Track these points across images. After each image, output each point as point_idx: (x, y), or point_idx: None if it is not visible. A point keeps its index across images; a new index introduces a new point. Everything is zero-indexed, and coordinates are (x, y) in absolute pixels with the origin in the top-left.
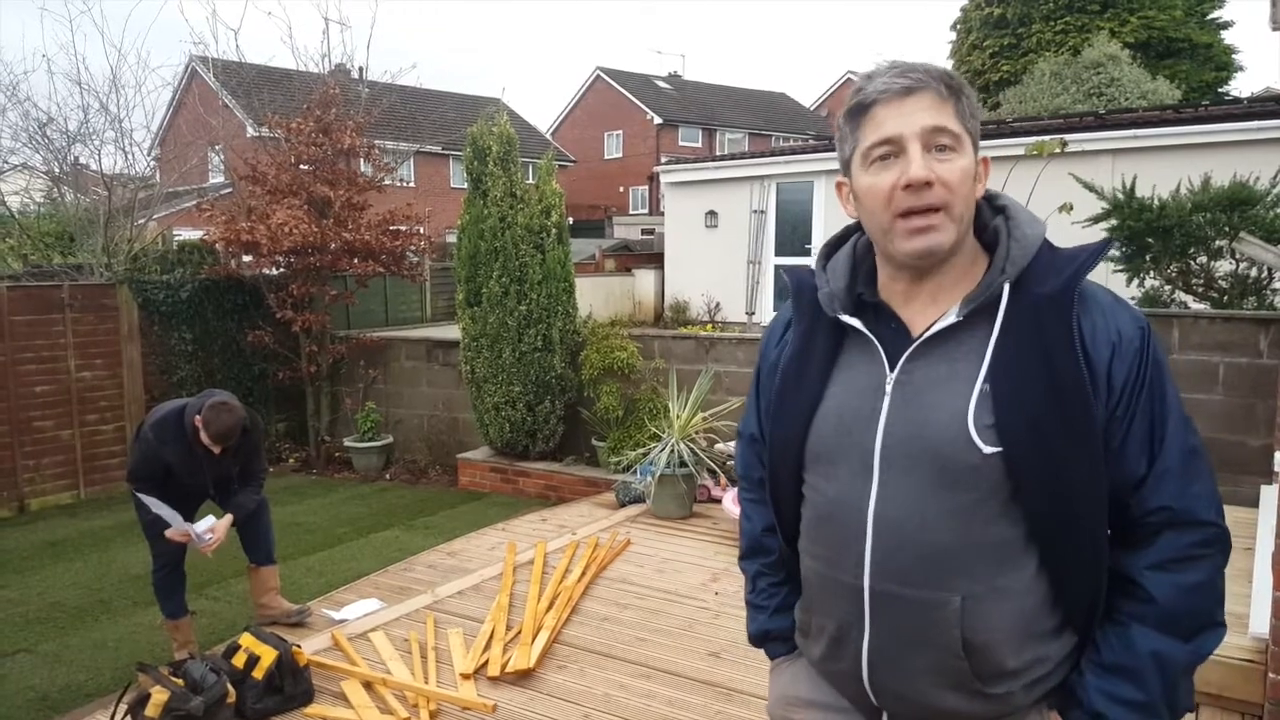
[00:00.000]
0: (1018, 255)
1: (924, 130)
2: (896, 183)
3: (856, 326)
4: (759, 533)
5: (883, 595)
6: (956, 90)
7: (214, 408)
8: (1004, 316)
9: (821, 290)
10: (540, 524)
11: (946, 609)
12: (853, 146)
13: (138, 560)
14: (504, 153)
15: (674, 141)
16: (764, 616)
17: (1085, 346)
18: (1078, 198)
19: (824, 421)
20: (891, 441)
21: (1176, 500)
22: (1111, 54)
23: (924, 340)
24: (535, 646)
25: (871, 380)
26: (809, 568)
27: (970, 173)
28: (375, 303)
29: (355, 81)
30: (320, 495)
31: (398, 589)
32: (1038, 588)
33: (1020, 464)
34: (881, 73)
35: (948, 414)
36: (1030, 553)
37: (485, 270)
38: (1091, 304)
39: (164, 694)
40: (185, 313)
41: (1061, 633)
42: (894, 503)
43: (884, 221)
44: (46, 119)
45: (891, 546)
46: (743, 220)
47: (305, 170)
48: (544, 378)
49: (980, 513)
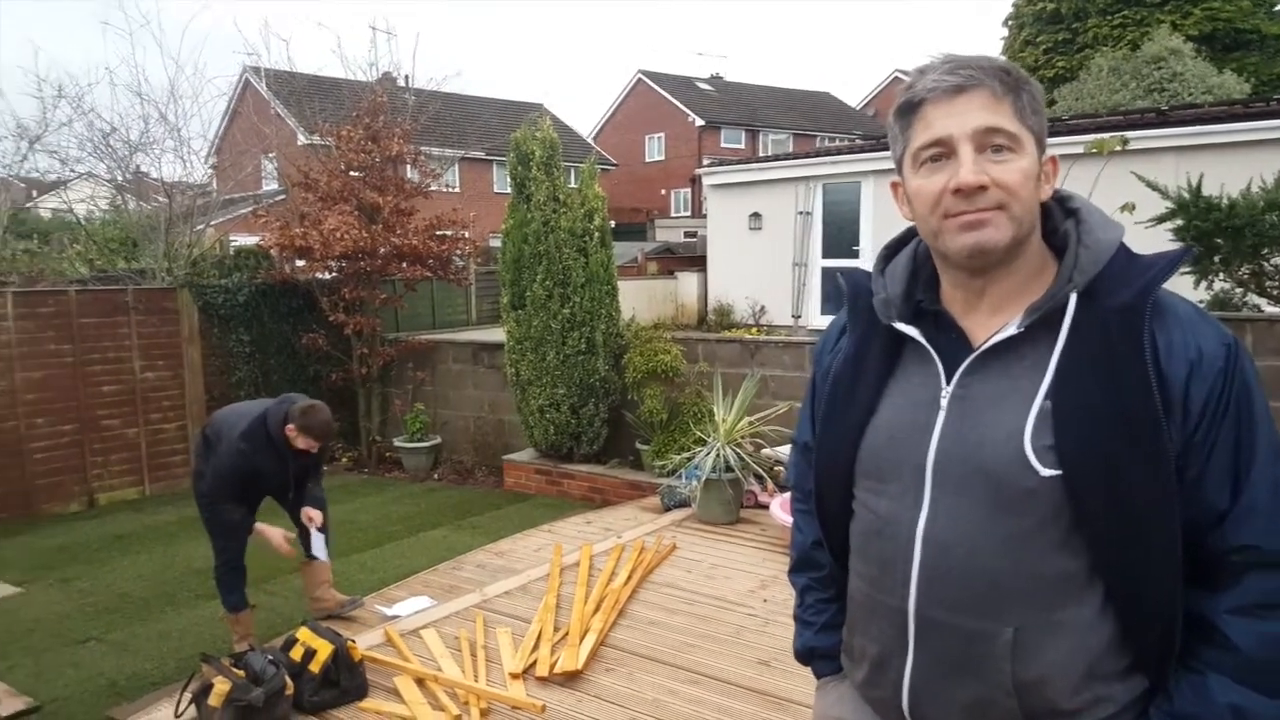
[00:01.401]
0: (1087, 262)
1: (976, 131)
2: (946, 186)
3: (913, 335)
4: (809, 546)
5: (928, 621)
6: (1015, 86)
7: (306, 412)
8: (1069, 328)
9: (877, 296)
10: (585, 526)
11: (996, 641)
12: (903, 147)
13: (200, 554)
14: (547, 157)
15: (716, 143)
16: (810, 633)
17: (1159, 363)
18: (1140, 197)
19: (875, 435)
20: (944, 459)
21: (1265, 539)
22: (1173, 48)
23: (983, 352)
24: (583, 648)
25: (927, 393)
26: (854, 586)
27: (1032, 173)
28: (423, 306)
29: (402, 89)
30: (371, 494)
31: (447, 587)
32: (1102, 625)
33: (1081, 489)
34: (933, 68)
35: (1004, 432)
36: (1094, 587)
37: (529, 274)
38: (1169, 317)
39: (226, 685)
40: (243, 316)
41: (1131, 675)
42: (945, 524)
43: (934, 223)
44: (110, 129)
45: (940, 570)
46: (788, 222)
47: (355, 177)
48: (588, 380)
49: (1038, 540)
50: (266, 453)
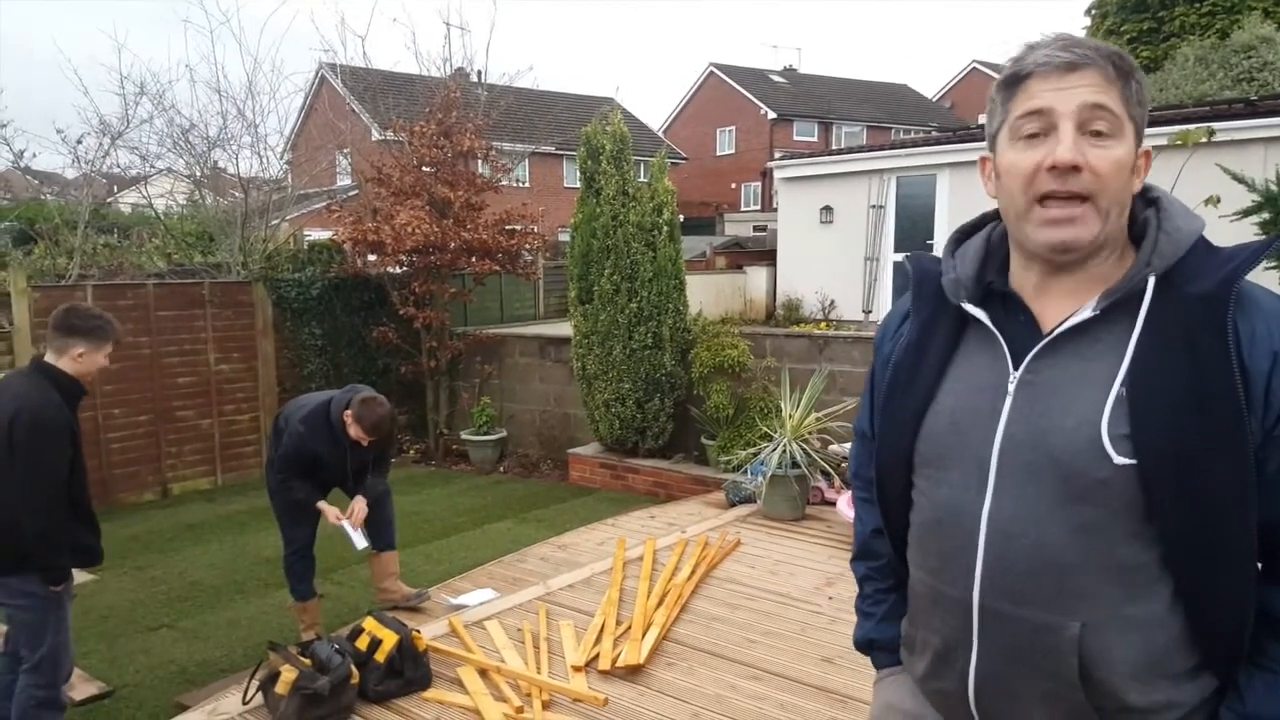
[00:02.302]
0: (1166, 249)
1: (1081, 107)
2: (1041, 163)
3: (980, 317)
4: (868, 534)
5: (993, 613)
6: (1127, 72)
7: (364, 403)
8: (1148, 313)
9: (947, 276)
10: (649, 521)
11: (1063, 634)
12: (1002, 119)
13: (269, 544)
14: (617, 151)
15: (788, 136)
16: (870, 624)
17: (1241, 354)
18: (1225, 190)
19: (936, 420)
20: (1011, 446)
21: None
22: (1265, 36)
23: (1055, 337)
24: (645, 642)
25: (993, 378)
26: (915, 578)
27: (1127, 164)
28: (491, 300)
29: (474, 85)
30: (438, 486)
31: (511, 579)
32: (1172, 621)
33: (1156, 479)
34: (1044, 44)
35: (1077, 419)
36: (1165, 580)
37: (597, 268)
38: (1252, 307)
39: (293, 673)
40: (315, 309)
41: (1199, 675)
42: (1010, 514)
43: (1021, 205)
44: (189, 125)
45: (1005, 561)
46: (859, 216)
47: (427, 172)
48: (654, 375)
49: (1109, 532)
50: (324, 438)
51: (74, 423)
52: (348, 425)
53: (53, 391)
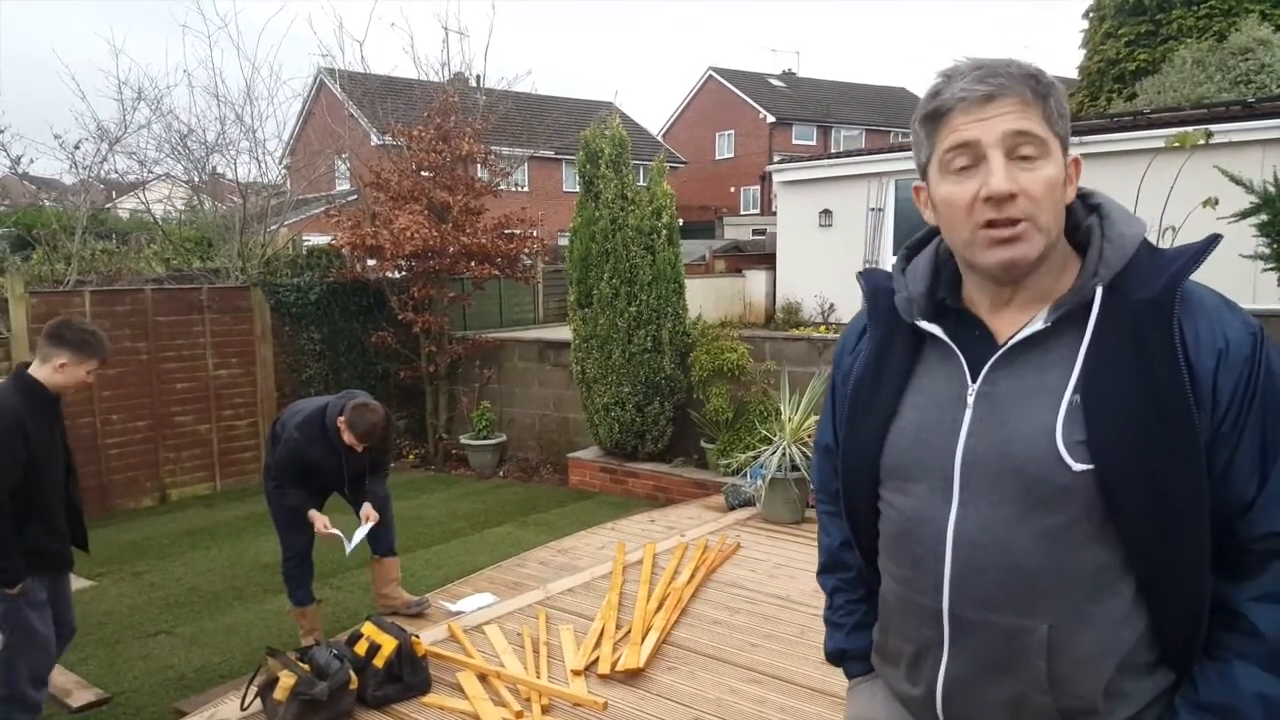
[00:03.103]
0: (1112, 257)
1: (1006, 135)
2: (977, 194)
3: (936, 334)
4: (836, 547)
5: (963, 620)
6: (1044, 92)
7: (357, 409)
8: (1096, 322)
9: (899, 294)
10: (649, 524)
11: (1032, 637)
12: (929, 152)
13: (268, 550)
14: (616, 155)
15: (787, 140)
16: (841, 635)
17: (1187, 354)
18: (1223, 192)
19: (900, 435)
20: (973, 457)
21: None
22: (1262, 38)
23: (1009, 349)
24: (645, 646)
25: (951, 391)
26: (886, 587)
27: (1057, 181)
28: (490, 304)
29: (473, 89)
30: (438, 490)
31: (511, 584)
32: (1134, 618)
33: (1114, 483)
34: (960, 74)
35: (1034, 428)
36: (1126, 580)
37: (596, 272)
38: (1195, 307)
39: (291, 678)
40: (314, 314)
41: (1157, 669)
42: (976, 523)
43: (965, 234)
44: (187, 130)
45: (973, 569)
46: (859, 219)
47: (426, 176)
48: (653, 379)
49: (1071, 535)
50: (320, 444)
51: (31, 427)
52: (342, 431)
53: (15, 397)
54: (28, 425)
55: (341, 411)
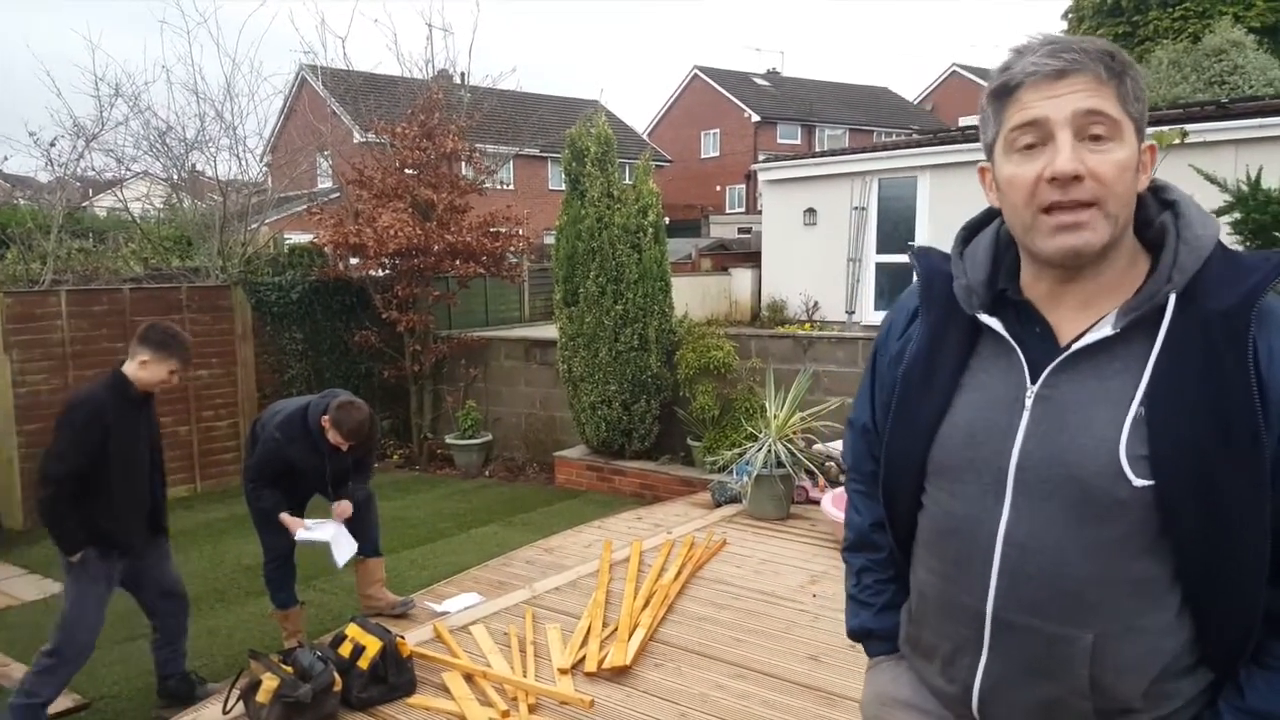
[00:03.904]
0: (1187, 261)
1: (1076, 114)
2: (1041, 174)
3: (996, 328)
4: (867, 528)
5: (1006, 624)
6: (1120, 71)
7: (342, 407)
8: (1167, 332)
9: (958, 282)
10: (636, 522)
11: (1076, 645)
12: (996, 130)
13: (250, 552)
14: (601, 153)
15: (772, 139)
16: (868, 614)
17: (1259, 371)
18: (1198, 191)
19: (951, 432)
20: (1029, 463)
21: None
22: (1235, 40)
23: (1074, 352)
24: (631, 644)
25: (1009, 391)
26: (924, 581)
27: (1130, 165)
28: (475, 303)
29: (457, 86)
30: (423, 491)
31: (497, 583)
32: (1179, 629)
33: (1173, 500)
34: (1032, 49)
35: (1096, 439)
36: (1175, 592)
37: (582, 270)
38: (1272, 323)
39: (274, 681)
40: (296, 313)
41: (1197, 669)
42: (1027, 529)
43: (1026, 217)
44: (166, 128)
45: (1022, 574)
46: (843, 218)
47: (409, 174)
48: (640, 377)
49: (1125, 548)
50: (302, 444)
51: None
52: (326, 431)
53: (102, 392)
54: (108, 417)
55: (325, 410)
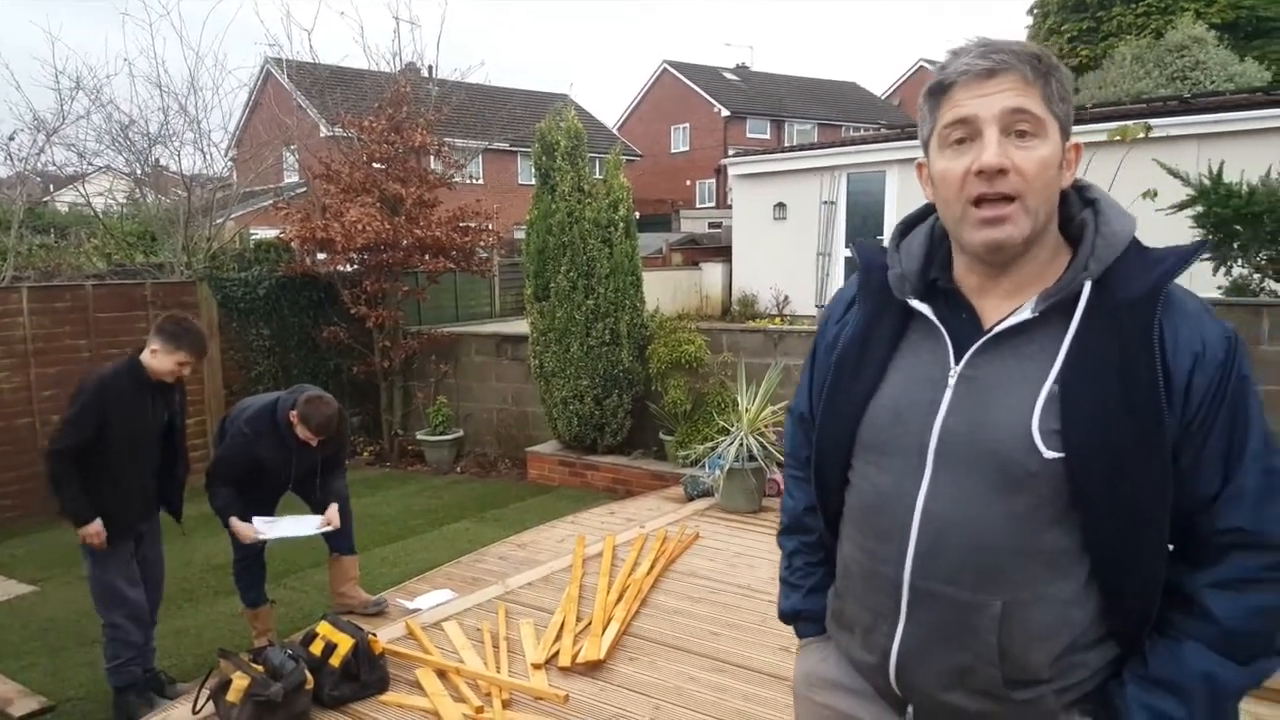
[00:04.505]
0: (1103, 252)
1: (1003, 112)
2: (970, 168)
3: (925, 313)
4: (800, 511)
5: (921, 592)
6: (1046, 72)
7: (310, 401)
8: (1082, 316)
9: (893, 271)
10: (609, 517)
11: (985, 613)
12: (931, 127)
13: (219, 550)
14: (572, 148)
15: (742, 134)
16: (798, 596)
17: (1165, 355)
18: (1161, 184)
19: (879, 411)
20: (948, 437)
21: (1251, 522)
22: (1197, 36)
23: (994, 335)
24: (605, 638)
25: (934, 371)
26: (849, 556)
27: (1052, 162)
28: (446, 298)
29: (425, 80)
30: (394, 487)
31: (469, 580)
32: (1086, 599)
33: (1083, 472)
34: (966, 51)
35: (1011, 415)
36: (1082, 563)
37: (553, 265)
38: (1177, 310)
39: (245, 680)
40: (262, 309)
41: (1105, 642)
42: (944, 500)
43: (956, 209)
44: (128, 121)
45: (937, 544)
46: (812, 212)
47: (377, 168)
48: (612, 372)
49: (1034, 519)
50: (270, 440)
51: (114, 400)
52: (294, 426)
53: (111, 374)
54: (109, 398)
55: (293, 406)
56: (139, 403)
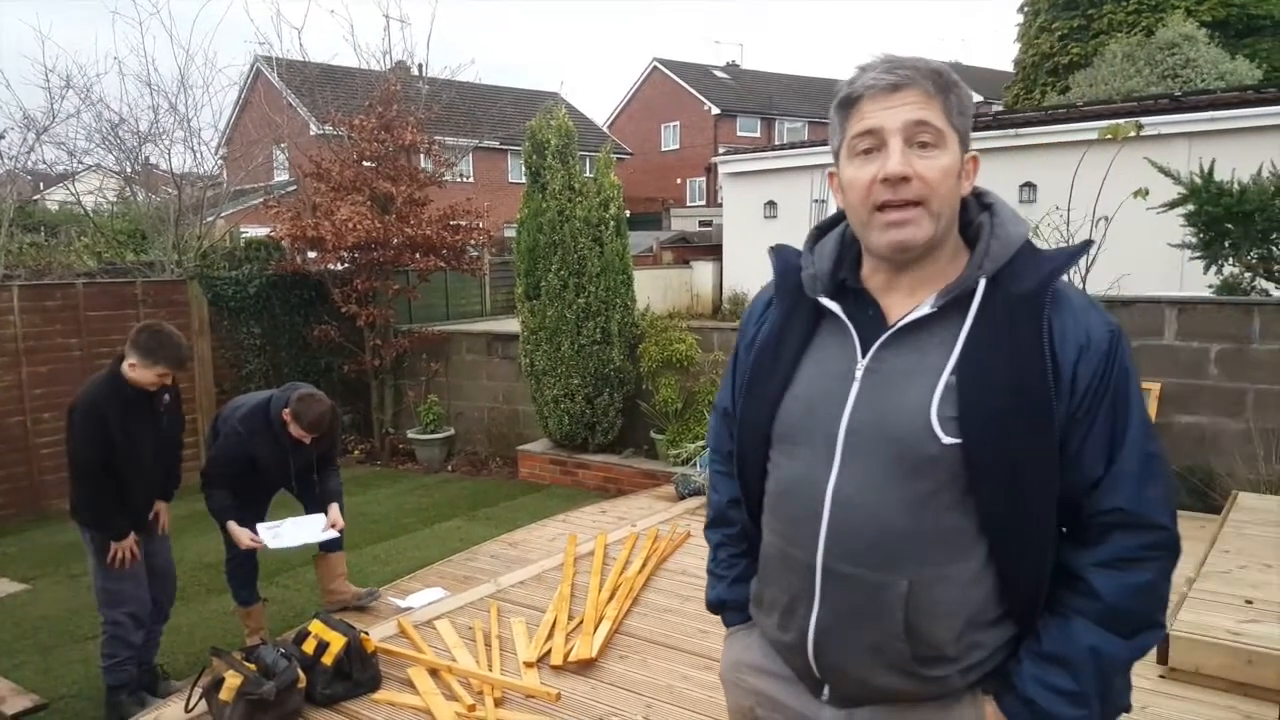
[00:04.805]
0: (997, 252)
1: (907, 124)
2: (876, 176)
3: (834, 310)
4: (724, 504)
5: (833, 573)
6: (945, 87)
7: (303, 400)
8: (977, 311)
9: (806, 271)
10: (600, 516)
11: (893, 591)
12: (841, 137)
13: (211, 549)
14: (562, 146)
15: (732, 132)
16: (722, 586)
17: (1053, 346)
18: (1153, 183)
19: (793, 402)
20: (856, 426)
21: (1131, 503)
22: (1187, 34)
23: (897, 330)
24: (597, 636)
25: (843, 365)
26: (768, 542)
27: (952, 170)
28: (436, 297)
29: (415, 78)
30: (385, 486)
31: (461, 578)
32: (984, 578)
33: (978, 457)
34: (873, 67)
35: (912, 403)
36: (980, 543)
37: (544, 263)
38: (1064, 304)
39: (237, 678)
40: (253, 308)
41: (1002, 622)
42: (852, 485)
43: (863, 214)
44: (118, 120)
45: (846, 527)
46: (803, 210)
47: (368, 167)
48: (602, 370)
49: (935, 501)
50: (264, 439)
51: (109, 413)
52: (288, 424)
53: (101, 386)
54: (104, 410)
55: (286, 404)
56: (130, 413)
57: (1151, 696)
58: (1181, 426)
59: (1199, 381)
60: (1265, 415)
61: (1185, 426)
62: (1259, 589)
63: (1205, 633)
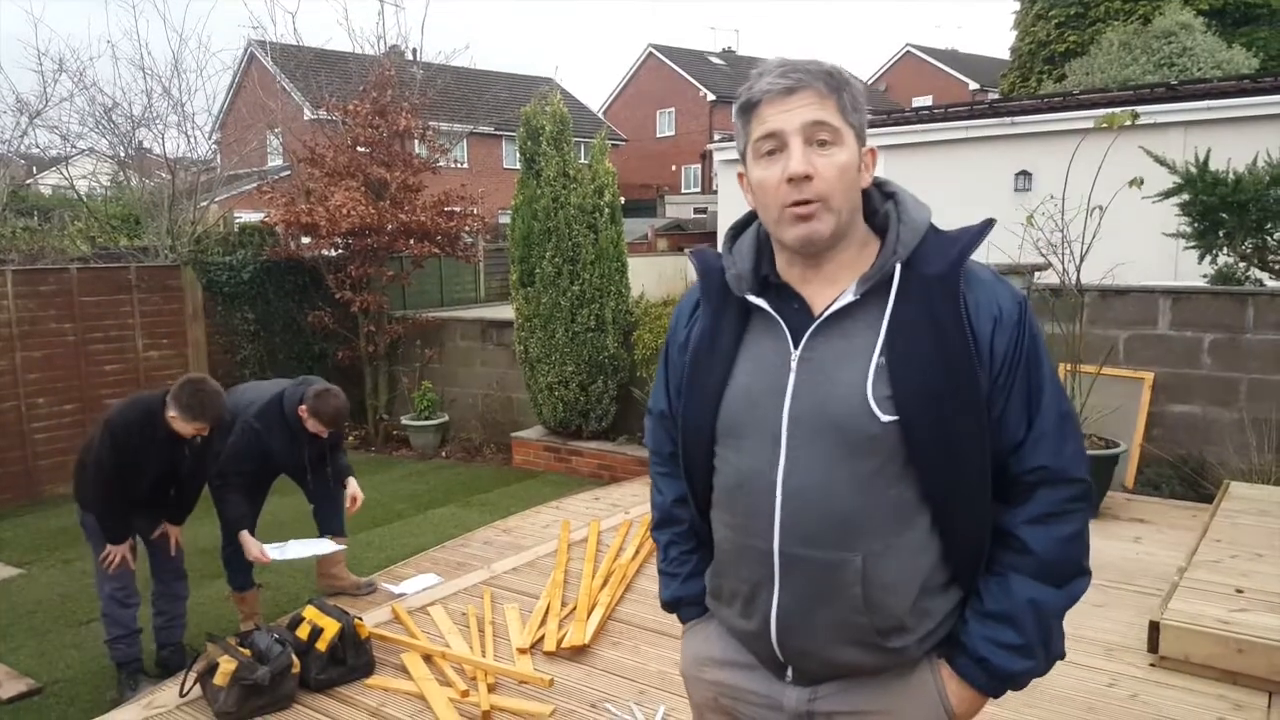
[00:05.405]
0: (907, 237)
1: (804, 125)
2: (781, 176)
3: (762, 306)
4: (669, 504)
5: (791, 557)
6: (838, 86)
7: (320, 396)
8: (896, 294)
9: (730, 271)
10: (593, 503)
11: (849, 568)
12: (745, 141)
13: (206, 534)
14: (557, 132)
15: (728, 118)
16: (676, 583)
17: (971, 321)
18: (1148, 172)
19: (734, 398)
20: (797, 414)
21: (1052, 460)
22: (1184, 22)
23: (824, 319)
24: (590, 623)
25: (778, 357)
26: (722, 535)
27: (851, 165)
28: (431, 283)
29: (410, 63)
30: (379, 472)
31: (455, 564)
32: (931, 545)
33: (915, 431)
34: (769, 71)
35: (849, 388)
36: (923, 512)
37: (538, 250)
38: (975, 281)
39: (231, 663)
40: (247, 293)
41: (949, 588)
42: (800, 471)
43: (773, 213)
44: (112, 104)
45: (799, 512)
46: None
47: (362, 152)
48: (597, 357)
49: (880, 477)
50: (280, 434)
51: (138, 442)
52: (305, 420)
53: (137, 414)
54: (134, 439)
55: (301, 400)
56: (161, 448)
57: (1142, 685)
58: (1175, 416)
59: (1192, 371)
60: (1258, 405)
61: (1178, 416)
62: (1249, 578)
63: (1196, 621)
